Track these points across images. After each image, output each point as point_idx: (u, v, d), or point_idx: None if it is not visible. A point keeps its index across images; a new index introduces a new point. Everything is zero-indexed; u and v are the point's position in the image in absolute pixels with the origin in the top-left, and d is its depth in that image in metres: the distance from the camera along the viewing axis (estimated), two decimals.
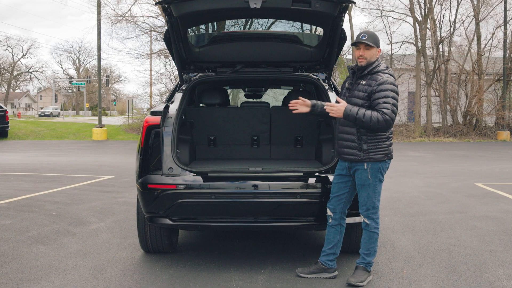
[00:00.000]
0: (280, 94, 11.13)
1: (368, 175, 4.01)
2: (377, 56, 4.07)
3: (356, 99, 4.03)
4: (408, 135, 24.74)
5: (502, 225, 6.25)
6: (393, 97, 3.93)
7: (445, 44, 26.43)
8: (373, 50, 4.03)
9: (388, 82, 3.95)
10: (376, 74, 4.01)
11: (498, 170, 12.35)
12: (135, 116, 30.59)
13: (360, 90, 4.03)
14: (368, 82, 4.01)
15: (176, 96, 4.87)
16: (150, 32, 27.83)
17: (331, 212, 4.19)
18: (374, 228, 4.09)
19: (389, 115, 3.87)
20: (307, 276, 4.23)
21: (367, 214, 4.08)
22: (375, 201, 4.06)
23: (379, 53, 4.08)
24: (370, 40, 3.99)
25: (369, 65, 4.04)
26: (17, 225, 6.13)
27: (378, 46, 4.06)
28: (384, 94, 3.91)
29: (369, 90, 3.98)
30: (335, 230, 4.23)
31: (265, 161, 5.27)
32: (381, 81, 3.95)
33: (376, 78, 3.98)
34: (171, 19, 4.50)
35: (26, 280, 4.17)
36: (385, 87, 3.93)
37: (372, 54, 4.03)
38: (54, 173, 11.57)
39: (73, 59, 73.52)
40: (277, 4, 4.33)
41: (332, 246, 4.24)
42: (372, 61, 4.04)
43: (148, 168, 4.34)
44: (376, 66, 4.04)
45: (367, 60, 4.03)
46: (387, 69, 4.07)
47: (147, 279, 4.20)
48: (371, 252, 4.14)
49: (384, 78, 3.96)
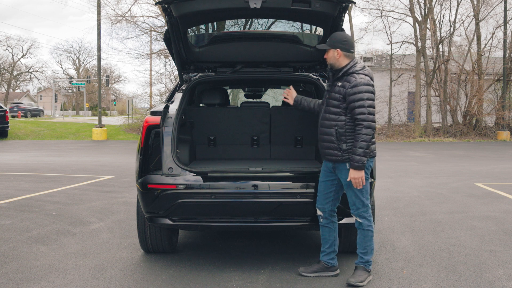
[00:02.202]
0: (280, 94, 11.12)
1: None
2: (338, 57, 4.07)
3: (332, 100, 4.09)
4: (408, 135, 24.75)
5: (502, 225, 6.25)
6: (368, 98, 3.94)
7: (445, 44, 26.44)
8: (330, 52, 4.10)
9: (361, 83, 3.95)
10: (351, 76, 4.03)
11: (498, 170, 12.35)
12: (135, 116, 30.58)
13: (336, 92, 4.08)
14: (343, 83, 4.04)
15: (176, 96, 4.87)
16: (150, 32, 27.83)
17: (320, 212, 4.22)
18: (367, 226, 4.10)
19: (367, 120, 3.91)
20: (310, 275, 4.23)
21: (358, 213, 4.10)
22: (364, 199, 4.07)
23: (340, 54, 4.06)
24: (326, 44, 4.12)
25: (343, 67, 4.07)
26: (17, 225, 6.13)
27: (334, 47, 4.07)
28: (358, 97, 3.93)
29: (343, 92, 4.01)
30: (329, 229, 4.25)
31: (265, 161, 5.27)
32: (355, 83, 3.96)
33: (350, 80, 4.00)
34: (171, 19, 4.50)
35: (26, 280, 4.17)
36: (359, 89, 3.94)
37: (331, 56, 4.10)
38: (54, 173, 11.57)
39: (73, 59, 73.59)
40: (277, 4, 4.33)
41: (330, 245, 4.26)
42: (335, 63, 4.09)
43: (148, 168, 4.34)
44: (351, 67, 4.05)
45: (329, 62, 4.13)
46: (363, 69, 4.07)
47: (147, 279, 4.20)
48: (368, 251, 4.14)
49: (358, 80, 3.97)
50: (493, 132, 25.63)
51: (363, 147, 3.90)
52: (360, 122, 3.91)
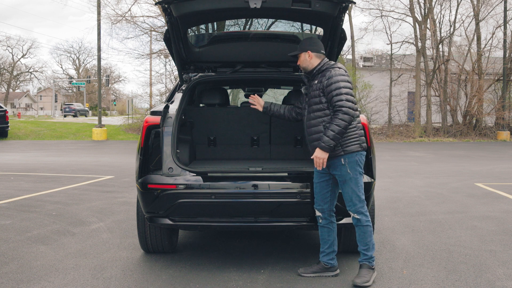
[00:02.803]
0: (280, 94, 11.14)
1: (347, 170, 4.03)
2: (309, 59, 4.16)
3: (313, 99, 4.13)
4: (408, 135, 24.75)
5: (502, 225, 6.25)
6: (345, 86, 4.00)
7: (445, 44, 26.44)
8: (302, 56, 4.20)
9: (336, 74, 4.04)
10: (325, 71, 4.12)
11: (498, 170, 12.35)
12: (135, 116, 30.58)
13: (314, 89, 4.14)
14: (319, 79, 4.12)
15: (176, 96, 4.86)
16: (150, 32, 27.84)
17: (319, 213, 4.21)
18: (366, 222, 4.09)
19: (345, 106, 3.93)
20: (309, 275, 4.23)
21: (355, 209, 4.09)
22: (360, 194, 4.08)
23: (311, 56, 4.15)
24: (297, 50, 4.22)
25: (316, 66, 4.17)
26: (17, 225, 6.13)
27: (306, 50, 4.17)
28: (335, 87, 3.99)
29: (320, 86, 4.08)
30: (328, 229, 4.25)
31: (265, 161, 5.27)
32: (330, 75, 4.05)
33: (325, 74, 4.09)
34: (171, 19, 4.50)
35: (26, 280, 4.17)
36: (334, 79, 4.01)
37: (303, 60, 4.20)
38: (54, 173, 11.57)
39: (73, 59, 73.69)
40: (277, 4, 4.33)
41: (329, 245, 4.26)
42: (307, 65, 4.18)
43: (148, 168, 4.34)
44: (323, 64, 4.16)
45: (302, 66, 4.22)
46: (335, 64, 4.16)
47: (147, 279, 4.20)
48: (370, 246, 4.13)
49: (332, 72, 4.06)
50: (493, 132, 25.64)
51: (335, 130, 3.92)
52: (338, 108, 3.95)
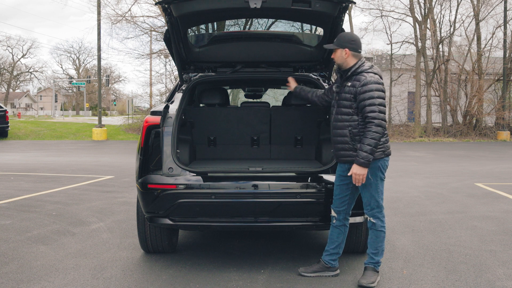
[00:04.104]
0: (280, 94, 11.15)
1: (368, 175, 4.01)
2: (346, 57, 4.07)
3: (343, 101, 4.07)
4: (408, 135, 24.74)
5: (502, 225, 6.25)
6: (379, 96, 3.93)
7: (445, 44, 26.44)
8: (338, 52, 4.09)
9: (371, 82, 3.95)
10: (360, 75, 4.02)
11: (498, 170, 12.35)
12: (135, 116, 30.59)
13: (346, 92, 4.06)
14: (352, 83, 4.03)
15: (176, 96, 4.87)
16: (150, 32, 27.85)
17: (335, 213, 4.20)
18: (380, 227, 4.09)
19: (378, 118, 3.89)
20: (310, 275, 4.23)
21: (372, 213, 4.08)
22: (379, 200, 4.07)
23: (348, 54, 4.06)
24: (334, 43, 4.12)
25: (352, 67, 4.07)
26: (17, 225, 6.13)
27: (342, 47, 4.07)
28: (369, 95, 3.91)
29: (353, 91, 4.00)
30: (339, 231, 4.24)
31: (265, 161, 5.27)
32: (365, 81, 3.95)
33: (360, 79, 3.99)
34: (171, 19, 4.50)
35: (26, 280, 4.17)
36: (369, 87, 3.93)
37: (339, 56, 4.09)
38: (54, 173, 11.57)
39: (73, 59, 73.66)
40: (277, 4, 4.33)
41: (336, 246, 4.25)
42: (343, 62, 4.09)
43: (148, 168, 4.34)
44: (359, 66, 4.05)
45: (337, 62, 4.12)
46: (372, 68, 4.07)
47: (147, 279, 4.20)
48: (379, 251, 4.13)
49: (367, 78, 3.96)
50: (493, 132, 25.64)
51: (371, 144, 3.87)
52: (370, 120, 3.89)
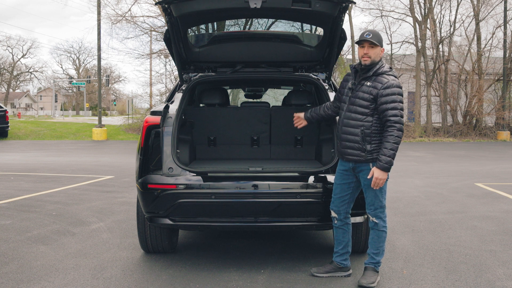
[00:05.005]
0: (280, 94, 11.14)
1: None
2: (381, 56, 4.06)
3: (360, 100, 4.02)
4: (408, 135, 24.74)
5: (502, 225, 6.25)
6: (400, 101, 3.94)
7: (445, 44, 26.44)
8: (377, 49, 4.02)
9: (394, 85, 3.94)
10: (381, 76, 3.99)
11: (498, 170, 12.35)
12: (135, 116, 30.58)
13: (364, 91, 4.01)
14: (373, 84, 3.99)
15: (176, 96, 4.86)
16: (150, 32, 27.84)
17: (335, 214, 4.19)
18: (382, 227, 4.09)
19: (400, 122, 3.91)
20: (323, 275, 4.23)
21: (375, 213, 4.08)
22: (382, 200, 4.07)
23: (382, 52, 4.08)
24: (375, 39, 3.99)
25: (373, 65, 4.02)
26: (17, 225, 6.13)
27: (382, 46, 4.06)
28: (391, 99, 3.90)
29: (374, 92, 3.96)
30: (343, 231, 4.24)
31: (265, 161, 5.27)
32: (387, 84, 3.94)
33: (382, 81, 3.97)
34: (171, 19, 4.50)
35: (26, 280, 4.17)
36: (391, 91, 3.92)
37: (376, 53, 4.02)
38: (54, 173, 11.57)
39: (73, 59, 73.67)
40: (277, 4, 4.33)
41: (344, 246, 4.25)
42: (376, 60, 4.03)
43: (148, 168, 4.34)
44: (380, 67, 4.03)
45: (371, 59, 4.01)
46: (391, 70, 4.07)
47: (147, 279, 4.20)
48: (380, 252, 4.13)
49: (390, 81, 3.95)
50: (493, 132, 25.64)
51: (394, 149, 3.87)
52: (392, 124, 3.88)
